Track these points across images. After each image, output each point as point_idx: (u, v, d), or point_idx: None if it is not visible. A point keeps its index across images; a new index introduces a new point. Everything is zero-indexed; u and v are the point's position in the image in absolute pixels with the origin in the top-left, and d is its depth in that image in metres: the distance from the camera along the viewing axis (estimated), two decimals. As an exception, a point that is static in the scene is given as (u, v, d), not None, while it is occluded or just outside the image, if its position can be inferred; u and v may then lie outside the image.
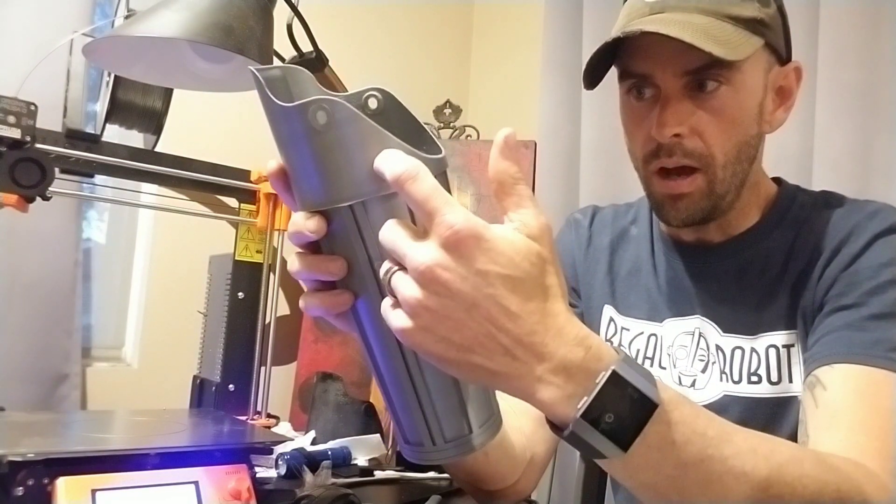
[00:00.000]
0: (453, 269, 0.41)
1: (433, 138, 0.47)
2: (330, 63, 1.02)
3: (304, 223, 0.44)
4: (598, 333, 0.90)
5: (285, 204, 0.49)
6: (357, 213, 0.43)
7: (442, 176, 0.45)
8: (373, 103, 0.49)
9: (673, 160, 0.74)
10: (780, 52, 0.77)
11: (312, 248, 0.46)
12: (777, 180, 0.85)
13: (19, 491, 0.63)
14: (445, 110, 1.90)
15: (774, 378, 0.76)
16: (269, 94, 0.42)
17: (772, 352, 0.76)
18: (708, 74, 0.71)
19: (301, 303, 0.48)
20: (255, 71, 0.44)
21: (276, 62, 0.91)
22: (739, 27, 0.71)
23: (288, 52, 1.01)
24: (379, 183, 0.42)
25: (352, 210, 0.43)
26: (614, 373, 0.44)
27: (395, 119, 0.49)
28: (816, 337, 0.71)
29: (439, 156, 0.45)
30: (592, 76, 0.76)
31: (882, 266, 0.71)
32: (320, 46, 0.99)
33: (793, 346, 0.76)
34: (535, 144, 1.71)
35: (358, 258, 0.45)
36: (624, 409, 0.44)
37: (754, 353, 0.77)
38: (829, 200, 0.80)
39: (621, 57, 0.75)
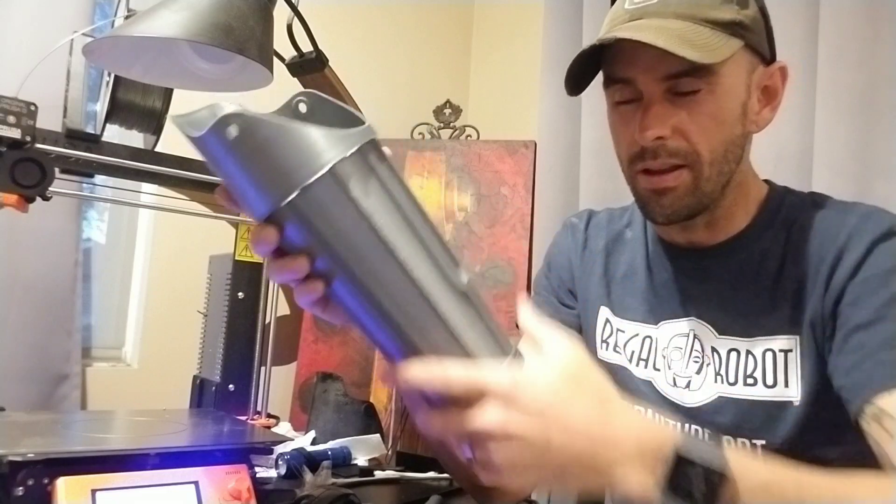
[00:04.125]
0: (517, 421, 0.48)
1: (363, 119, 0.48)
2: (330, 63, 1.02)
3: (259, 234, 0.46)
4: (595, 334, 0.90)
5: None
6: (299, 206, 0.44)
7: (371, 144, 0.46)
8: (302, 107, 0.50)
9: (658, 162, 0.75)
10: (763, 53, 0.77)
11: (278, 252, 0.48)
12: (766, 182, 0.85)
13: (19, 491, 0.63)
14: (445, 110, 1.90)
15: (770, 381, 0.76)
16: (184, 131, 0.44)
17: (768, 355, 0.77)
18: (687, 78, 0.72)
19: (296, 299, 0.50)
20: (174, 119, 0.46)
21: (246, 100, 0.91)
22: (717, 30, 0.71)
23: (288, 52, 1.01)
24: (304, 170, 0.44)
25: (291, 206, 0.44)
26: (677, 449, 0.51)
27: (328, 115, 0.50)
28: (850, 360, 0.70)
29: (361, 127, 0.46)
30: (575, 82, 0.77)
31: (889, 273, 0.71)
32: (320, 46, 0.99)
33: (790, 351, 0.76)
34: (535, 144, 1.72)
35: (315, 245, 0.46)
36: (698, 474, 0.51)
37: (750, 356, 0.78)
38: (817, 201, 0.80)
39: (605, 63, 0.77)
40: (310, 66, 0.99)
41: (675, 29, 0.70)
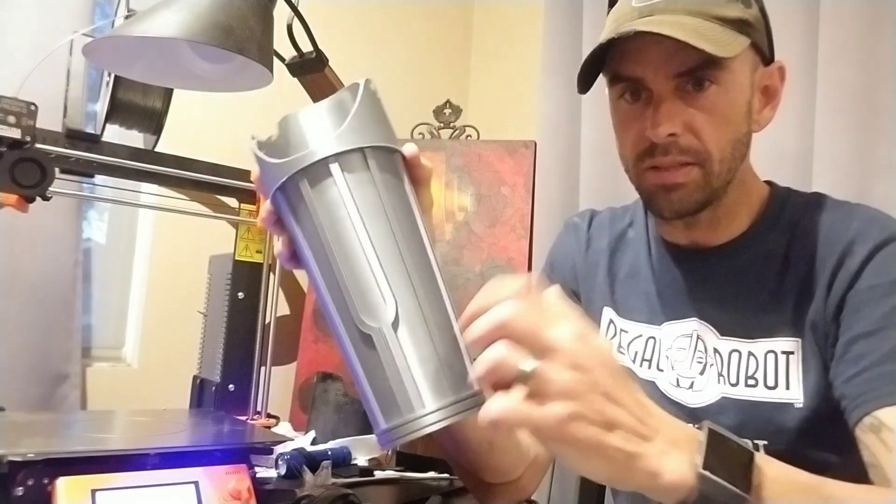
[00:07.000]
0: (590, 355, 0.48)
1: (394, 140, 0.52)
2: (330, 63, 1.02)
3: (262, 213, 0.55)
4: None
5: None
6: (288, 188, 0.50)
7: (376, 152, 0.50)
8: (372, 85, 0.53)
9: (668, 159, 0.74)
10: (765, 52, 0.78)
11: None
12: (768, 183, 0.85)
13: (19, 491, 0.63)
14: (445, 110, 1.90)
15: (771, 383, 0.76)
16: (260, 156, 0.53)
17: (770, 357, 0.76)
18: (699, 75, 0.73)
19: None
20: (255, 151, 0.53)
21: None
22: (726, 27, 0.72)
23: (288, 52, 1.01)
24: (303, 157, 0.49)
25: (282, 189, 0.50)
26: (711, 430, 0.53)
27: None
28: (851, 369, 0.70)
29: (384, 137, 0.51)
30: (586, 80, 0.77)
31: (893, 283, 0.70)
32: (320, 46, 0.99)
33: (792, 353, 0.76)
34: (535, 144, 1.72)
35: (296, 233, 0.51)
36: (732, 455, 0.53)
37: (752, 357, 0.78)
38: (821, 202, 0.80)
39: (611, 61, 0.76)
40: (310, 66, 0.99)
41: (689, 24, 0.70)
